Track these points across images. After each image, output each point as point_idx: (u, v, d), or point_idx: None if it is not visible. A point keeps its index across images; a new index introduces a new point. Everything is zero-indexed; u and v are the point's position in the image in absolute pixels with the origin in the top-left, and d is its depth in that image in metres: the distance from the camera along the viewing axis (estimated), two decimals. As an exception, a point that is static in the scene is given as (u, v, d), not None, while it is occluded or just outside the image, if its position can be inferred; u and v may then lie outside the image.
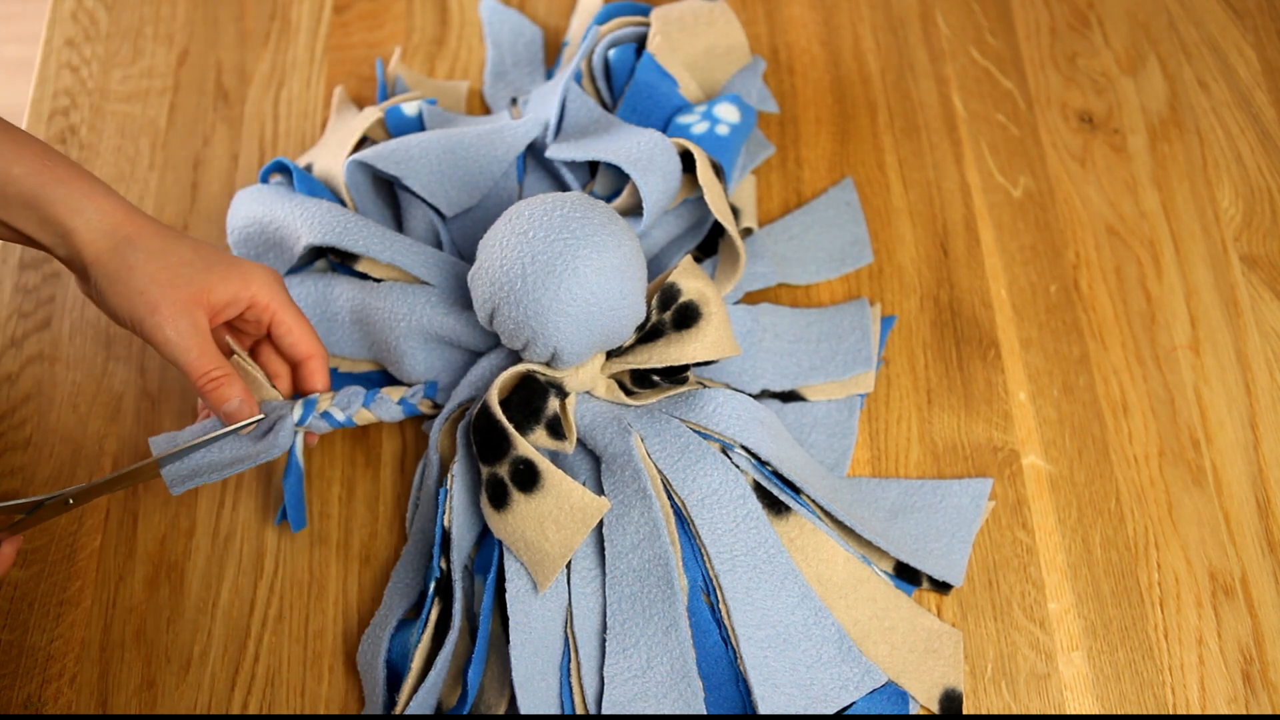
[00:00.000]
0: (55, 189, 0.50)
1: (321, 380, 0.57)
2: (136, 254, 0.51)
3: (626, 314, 0.55)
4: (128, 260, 0.51)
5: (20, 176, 0.50)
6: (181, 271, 0.52)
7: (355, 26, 0.75)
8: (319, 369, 0.57)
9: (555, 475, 0.53)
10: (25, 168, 0.50)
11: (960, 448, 0.62)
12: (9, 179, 0.50)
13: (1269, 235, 0.67)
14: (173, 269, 0.52)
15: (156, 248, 0.52)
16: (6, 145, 0.50)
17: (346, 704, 0.56)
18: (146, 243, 0.51)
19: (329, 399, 0.57)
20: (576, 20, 0.74)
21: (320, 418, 0.57)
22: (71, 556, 0.60)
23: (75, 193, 0.51)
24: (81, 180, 0.51)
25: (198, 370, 0.52)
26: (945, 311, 0.65)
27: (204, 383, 0.53)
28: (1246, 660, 0.56)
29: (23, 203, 0.50)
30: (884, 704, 0.54)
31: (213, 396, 0.53)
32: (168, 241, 0.52)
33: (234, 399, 0.53)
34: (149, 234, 0.52)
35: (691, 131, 0.63)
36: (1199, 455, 0.61)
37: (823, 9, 0.75)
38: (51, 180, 0.50)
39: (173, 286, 0.51)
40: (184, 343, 0.52)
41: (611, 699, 0.53)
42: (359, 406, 0.58)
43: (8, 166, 0.50)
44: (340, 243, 0.58)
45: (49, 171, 0.50)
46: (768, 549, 0.55)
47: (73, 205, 0.50)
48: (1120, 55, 0.73)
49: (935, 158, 0.70)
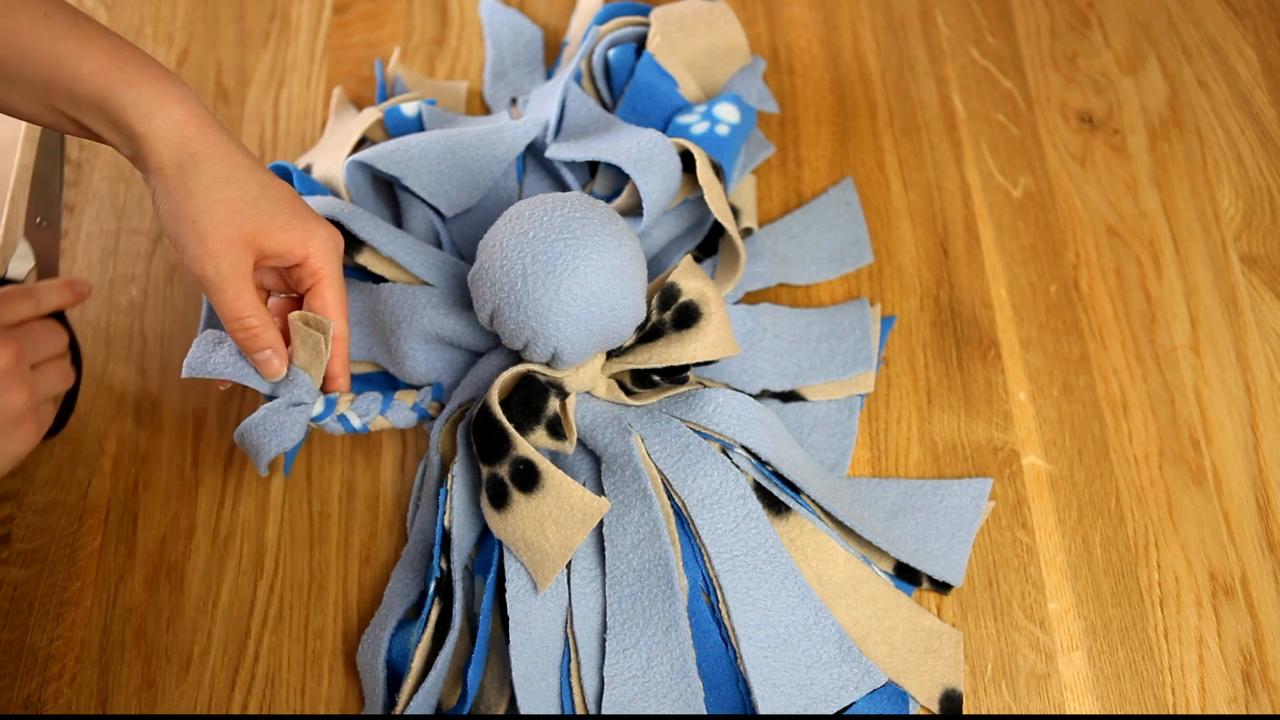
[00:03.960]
0: (125, 92, 0.47)
1: (341, 362, 0.56)
2: (200, 178, 0.49)
3: (626, 314, 0.55)
4: (188, 182, 0.49)
5: (88, 75, 0.47)
6: (241, 208, 0.50)
7: (355, 26, 0.75)
8: (342, 351, 0.56)
9: (555, 475, 0.53)
10: (93, 66, 0.47)
11: (960, 448, 0.62)
12: (76, 78, 0.47)
13: (1269, 235, 0.67)
14: (232, 203, 0.50)
15: (223, 175, 0.50)
16: (74, 41, 0.47)
17: (346, 704, 0.56)
18: (214, 168, 0.49)
19: (348, 402, 0.57)
20: (576, 20, 0.74)
21: (337, 420, 0.57)
22: (71, 556, 0.60)
23: (145, 96, 0.48)
24: (154, 81, 0.48)
25: (232, 313, 0.51)
26: (945, 311, 0.65)
27: (236, 327, 0.52)
28: (1246, 660, 0.56)
29: (91, 103, 0.48)
30: (884, 704, 0.54)
31: (245, 343, 0.52)
32: (237, 170, 0.50)
33: (266, 349, 0.53)
34: (219, 157, 0.50)
35: (691, 131, 0.63)
36: (1199, 455, 0.61)
37: (823, 9, 0.75)
38: (121, 81, 0.47)
39: (227, 222, 0.49)
40: (221, 282, 0.50)
41: (611, 699, 0.53)
42: (376, 414, 0.57)
43: (75, 65, 0.47)
44: (348, 222, 0.58)
45: (118, 71, 0.47)
46: (768, 549, 0.55)
47: (142, 110, 0.48)
48: (1120, 55, 0.73)
49: (935, 158, 0.70)
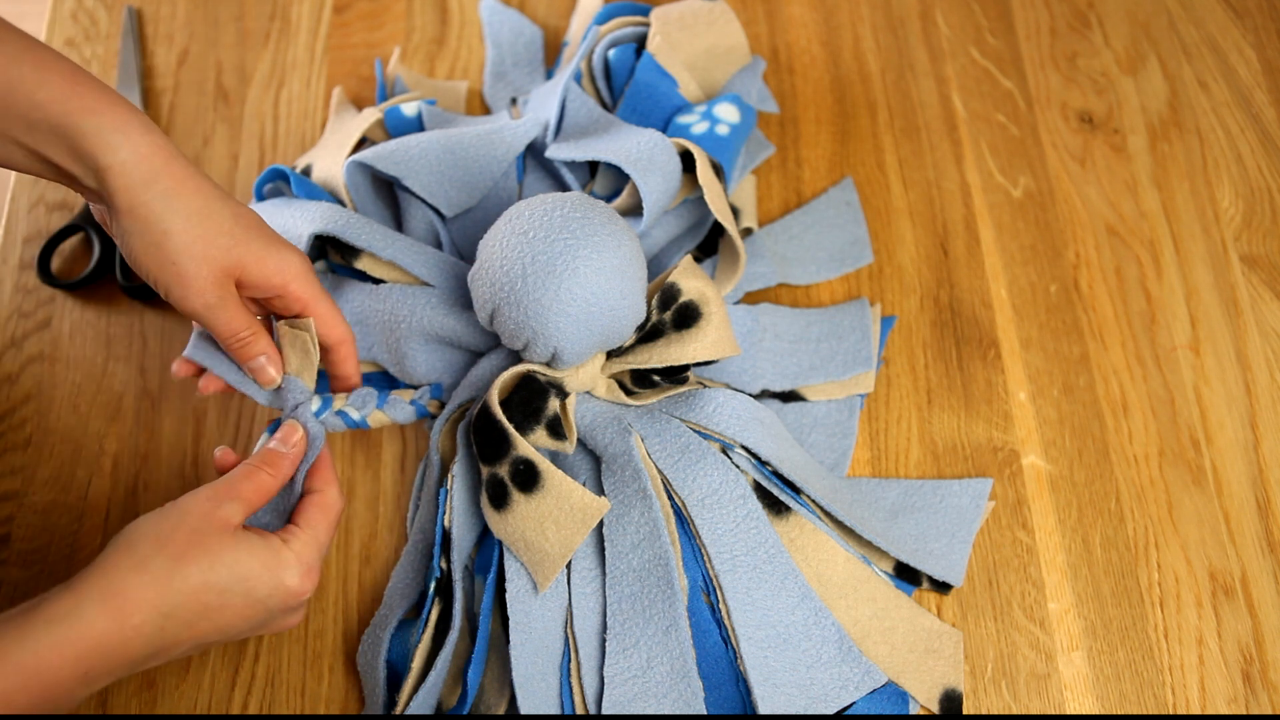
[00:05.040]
0: (86, 119, 0.46)
1: (353, 365, 0.57)
2: (174, 216, 0.48)
3: (626, 314, 0.55)
4: (163, 222, 0.48)
5: (46, 102, 0.46)
6: (218, 242, 0.49)
7: (355, 26, 0.75)
8: (350, 354, 0.56)
9: (555, 475, 0.53)
10: (51, 92, 0.46)
11: (960, 448, 0.62)
12: (33, 104, 0.46)
13: (1269, 235, 0.67)
14: (209, 239, 0.49)
15: (195, 208, 0.49)
16: (28, 66, 0.46)
17: (346, 704, 0.56)
18: (185, 202, 0.48)
19: (344, 398, 0.57)
20: (576, 20, 0.74)
21: (335, 415, 0.57)
22: (71, 556, 0.59)
23: (108, 124, 0.47)
24: (114, 109, 0.47)
25: (228, 332, 0.52)
26: (945, 311, 0.65)
27: (233, 344, 0.52)
28: (1246, 660, 0.56)
29: (49, 130, 0.46)
30: (884, 704, 0.54)
31: (239, 352, 0.53)
32: (209, 201, 0.49)
33: (259, 355, 0.53)
34: (190, 190, 0.49)
35: (691, 131, 0.63)
36: (1199, 455, 0.61)
37: (823, 9, 0.75)
38: (81, 108, 0.46)
39: (207, 260, 0.49)
40: (212, 314, 0.51)
41: (611, 699, 0.53)
42: (373, 408, 0.57)
43: (31, 91, 0.45)
44: (343, 234, 0.58)
45: (78, 98, 0.46)
46: (768, 549, 0.55)
47: (106, 139, 0.46)
48: (1120, 55, 0.73)
49: (935, 158, 0.70)
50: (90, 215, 0.67)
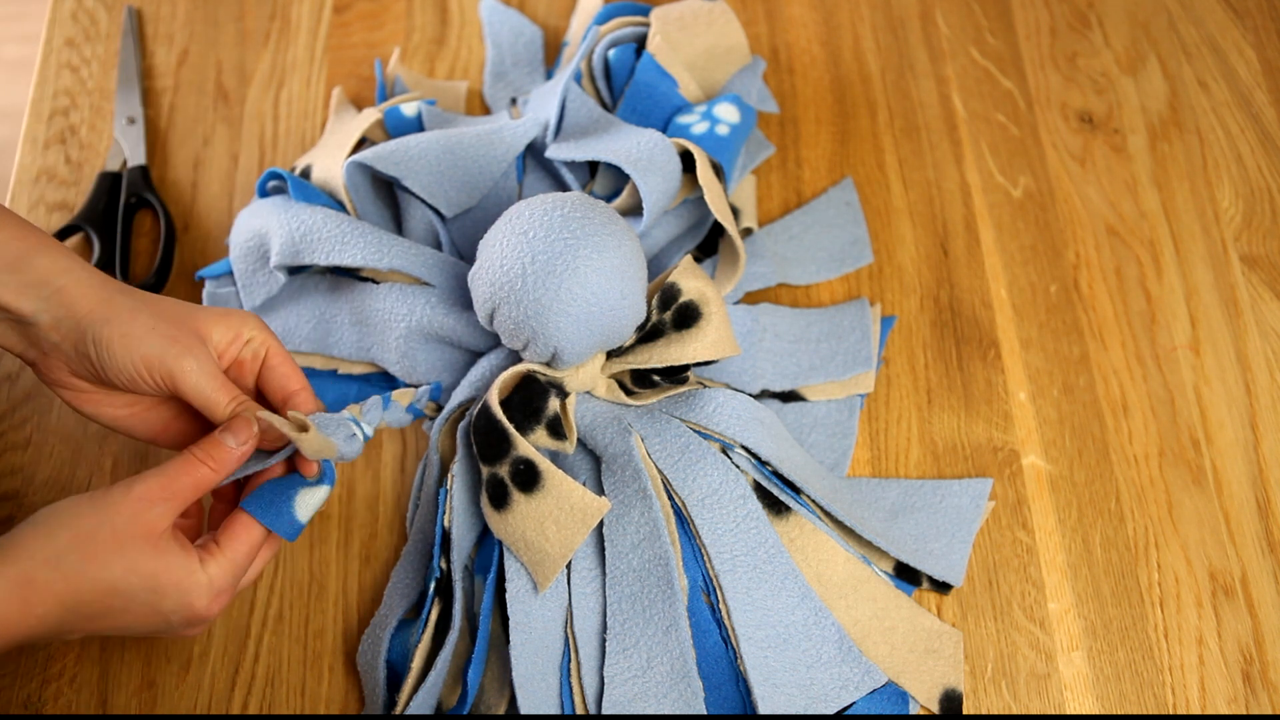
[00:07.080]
0: (41, 254, 0.50)
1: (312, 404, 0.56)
2: (133, 299, 0.51)
3: (626, 314, 0.55)
4: (127, 305, 0.51)
5: (3, 241, 0.50)
6: (178, 312, 0.52)
7: (355, 26, 0.75)
8: (310, 398, 0.56)
9: (555, 475, 0.53)
10: (6, 234, 0.50)
11: (960, 448, 0.62)
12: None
13: (1269, 235, 0.67)
14: (170, 312, 0.52)
15: (148, 297, 0.52)
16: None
17: (346, 704, 0.56)
18: (137, 295, 0.52)
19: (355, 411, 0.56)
20: (576, 20, 0.74)
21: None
22: (71, 556, 0.59)
23: (61, 258, 0.51)
24: (63, 250, 0.51)
25: (227, 395, 0.52)
26: (945, 311, 0.65)
27: (236, 407, 0.52)
28: (1246, 660, 0.56)
29: (6, 266, 0.50)
30: (884, 704, 0.54)
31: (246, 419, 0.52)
32: (154, 297, 0.53)
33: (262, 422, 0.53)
34: (135, 291, 0.52)
35: (691, 131, 0.63)
36: (1199, 455, 0.61)
37: (823, 9, 0.75)
38: (36, 246, 0.50)
39: (178, 322, 0.51)
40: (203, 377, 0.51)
41: (611, 699, 0.53)
42: (379, 419, 0.57)
43: None
44: (338, 259, 0.58)
45: (31, 239, 0.50)
46: (768, 549, 0.55)
47: (60, 266, 0.50)
48: (1120, 55, 0.73)
49: (935, 158, 0.70)
50: (90, 215, 0.67)
